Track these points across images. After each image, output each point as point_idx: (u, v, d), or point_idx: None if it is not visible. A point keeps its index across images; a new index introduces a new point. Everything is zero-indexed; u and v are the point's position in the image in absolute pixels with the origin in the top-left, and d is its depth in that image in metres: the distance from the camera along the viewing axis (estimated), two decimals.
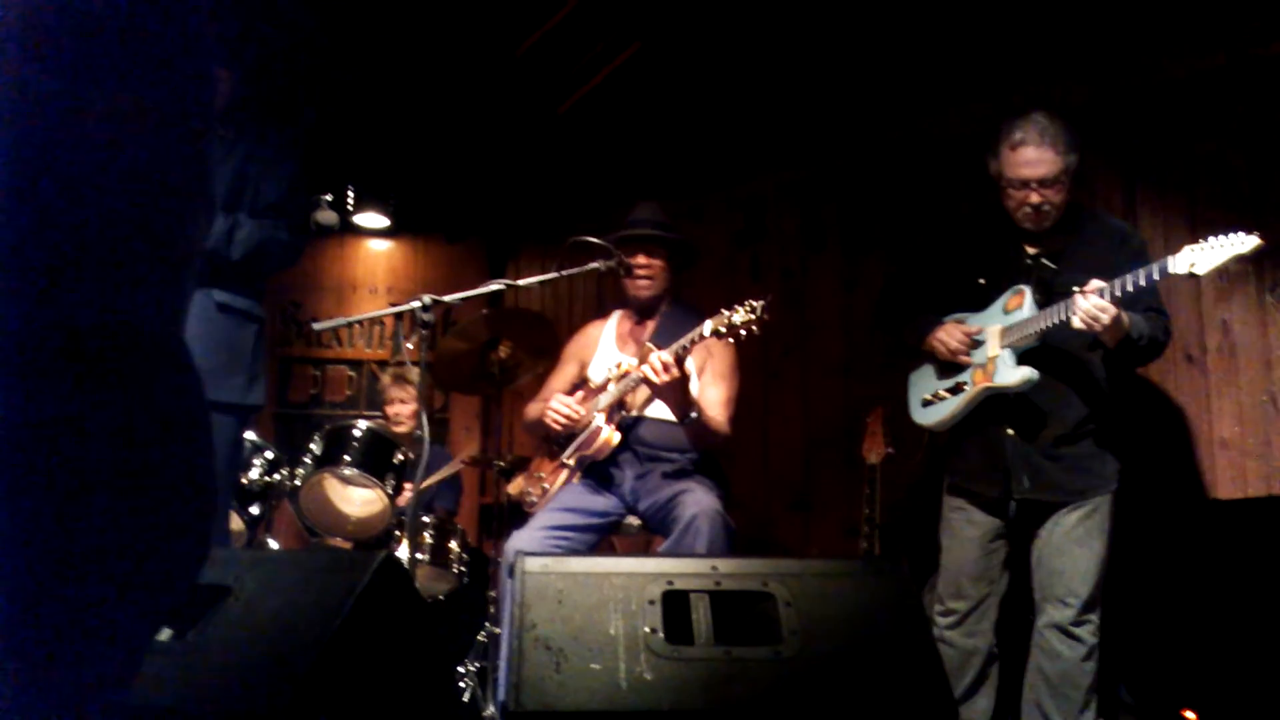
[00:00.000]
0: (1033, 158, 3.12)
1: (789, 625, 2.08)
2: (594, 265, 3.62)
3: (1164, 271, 2.82)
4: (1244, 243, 2.76)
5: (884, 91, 4.66)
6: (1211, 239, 2.79)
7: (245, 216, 3.00)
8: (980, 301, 3.29)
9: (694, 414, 3.39)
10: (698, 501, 3.22)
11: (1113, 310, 2.87)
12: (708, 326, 3.19)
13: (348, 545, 4.47)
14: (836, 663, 2.04)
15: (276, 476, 4.35)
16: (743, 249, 5.26)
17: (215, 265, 2.93)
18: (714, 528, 3.15)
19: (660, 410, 3.52)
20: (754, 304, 3.14)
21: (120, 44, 0.84)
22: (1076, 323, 2.92)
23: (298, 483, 4.28)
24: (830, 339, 4.86)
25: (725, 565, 2.22)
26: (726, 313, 3.16)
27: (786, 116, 4.98)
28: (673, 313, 3.71)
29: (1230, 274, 3.68)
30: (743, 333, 3.15)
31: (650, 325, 3.72)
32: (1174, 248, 2.89)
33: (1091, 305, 2.88)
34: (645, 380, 3.30)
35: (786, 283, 5.02)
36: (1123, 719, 3.24)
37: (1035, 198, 3.14)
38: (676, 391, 3.31)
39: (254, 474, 4.32)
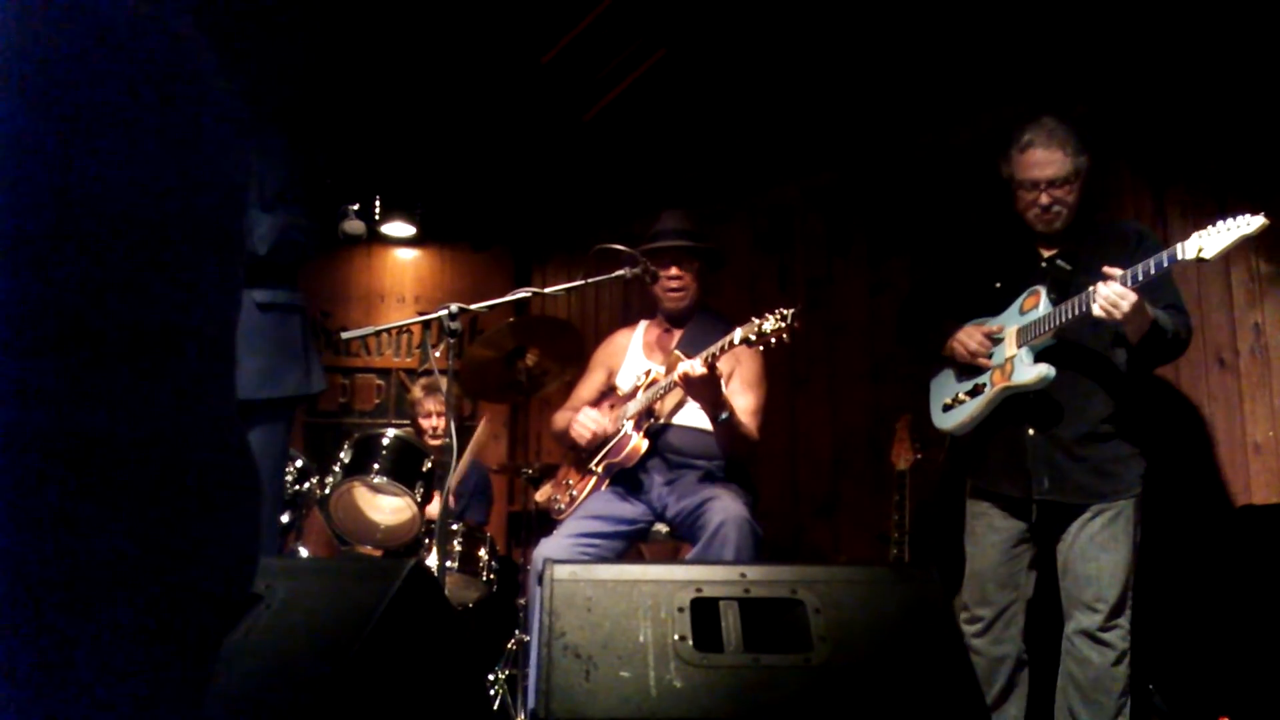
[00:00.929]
0: (1041, 159, 3.16)
1: (818, 632, 2.07)
2: (620, 273, 3.62)
3: (1173, 258, 2.81)
4: (1250, 223, 2.74)
5: (911, 96, 4.64)
6: (1219, 222, 2.78)
7: (259, 212, 3.04)
8: (998, 306, 3.29)
9: (725, 415, 3.38)
10: (725, 508, 3.21)
11: (1133, 296, 2.85)
12: (738, 334, 3.18)
13: (377, 553, 4.49)
14: (866, 670, 2.03)
15: (306, 485, 4.37)
16: (769, 255, 5.25)
17: (247, 266, 2.97)
18: (742, 535, 3.14)
19: (688, 418, 3.52)
20: (784, 312, 3.12)
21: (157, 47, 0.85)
22: (1096, 310, 2.90)
23: (327, 491, 4.30)
24: (857, 345, 4.84)
25: (754, 572, 2.22)
26: (756, 321, 3.15)
27: (812, 122, 4.98)
28: (701, 320, 3.71)
29: (1262, 276, 3.65)
30: (773, 341, 3.13)
31: (678, 333, 3.72)
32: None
33: (1111, 291, 2.87)
34: (678, 382, 3.29)
35: (813, 289, 5.01)
36: None
37: (1045, 198, 3.17)
38: (710, 390, 3.30)
39: (284, 481, 4.35)
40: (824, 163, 5.07)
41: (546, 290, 3.78)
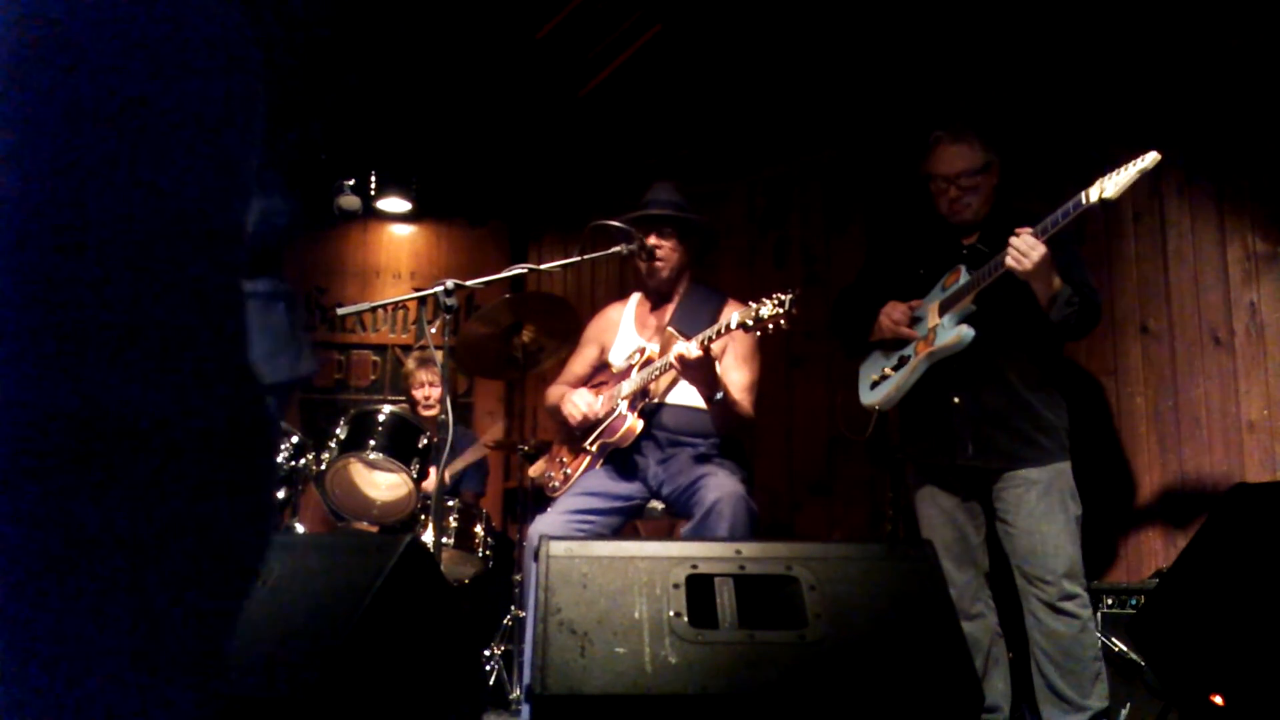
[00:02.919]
0: (950, 154, 3.38)
1: (813, 609, 2.08)
2: (616, 249, 3.61)
3: (1078, 205, 2.92)
4: (1144, 160, 2.84)
5: (908, 72, 4.62)
6: (1123, 163, 2.88)
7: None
8: (922, 291, 3.43)
9: (720, 394, 3.38)
10: (720, 485, 3.21)
11: (1042, 248, 2.98)
12: (734, 319, 3.16)
13: (373, 529, 4.50)
14: (861, 646, 2.04)
15: (302, 461, 4.37)
16: (766, 233, 5.24)
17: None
18: (737, 511, 3.15)
19: (682, 396, 3.52)
20: (781, 297, 3.10)
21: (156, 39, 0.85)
22: (1008, 260, 3.02)
23: (323, 467, 4.31)
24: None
25: (749, 549, 2.22)
26: (754, 305, 3.12)
27: (810, 98, 4.96)
28: (692, 294, 3.69)
29: (1258, 255, 3.65)
30: (770, 327, 3.11)
31: (669, 308, 3.69)
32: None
33: (1021, 241, 3.00)
34: (674, 364, 3.28)
35: (810, 267, 5.00)
36: (1150, 704, 3.22)
37: (954, 191, 3.38)
38: (704, 371, 3.30)
39: (279, 458, 4.35)
40: (822, 140, 5.05)
41: (543, 266, 3.77)
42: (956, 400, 3.27)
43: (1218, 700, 3.07)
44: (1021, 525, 3.18)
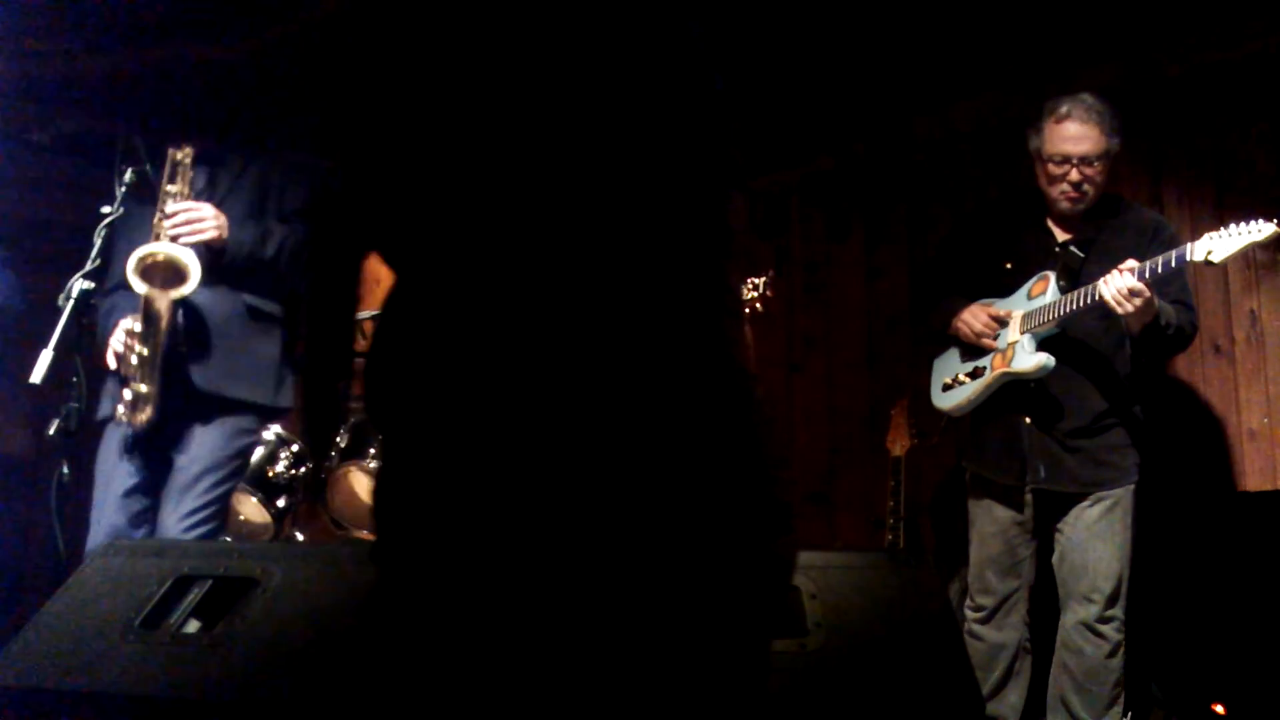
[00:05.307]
0: (1077, 133, 3.09)
1: (814, 618, 2.07)
2: None
3: (1182, 259, 2.81)
4: (1260, 230, 2.75)
5: (910, 81, 4.62)
6: (1231, 226, 2.78)
7: (275, 223, 3.08)
8: (1007, 287, 3.27)
9: None
10: None
11: (1148, 294, 2.85)
12: None
13: (374, 538, 4.48)
14: (861, 655, 2.03)
15: (303, 470, 4.36)
16: (766, 241, 5.24)
17: (250, 268, 3.02)
18: None
19: None
20: (755, 281, 3.12)
21: None
22: (1108, 297, 2.88)
23: (324, 476, 4.29)
24: (854, 331, 4.83)
25: None
26: None
27: (810, 107, 4.95)
28: None
29: (1258, 263, 3.65)
30: (747, 310, 3.13)
31: None
32: (1200, 235, 2.87)
33: (1126, 284, 2.85)
34: None
35: (810, 275, 5.00)
36: (1153, 713, 3.21)
37: (1075, 175, 3.10)
38: None
39: (280, 467, 4.34)
40: (822, 148, 5.04)
41: None
42: (1028, 420, 3.13)
43: (1219, 709, 3.07)
44: (1077, 540, 3.07)
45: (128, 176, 3.01)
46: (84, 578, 2.28)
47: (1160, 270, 2.83)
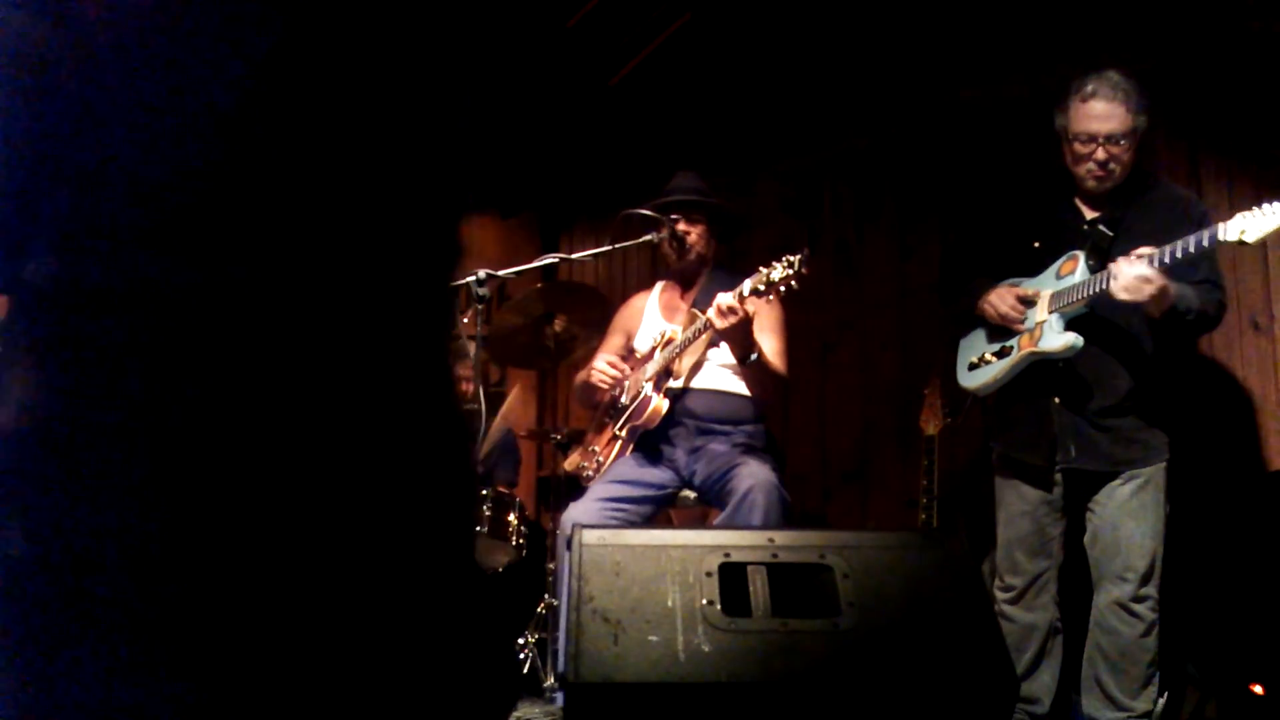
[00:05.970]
0: (1103, 111, 3.06)
1: (846, 597, 2.07)
2: (647, 238, 3.61)
3: (1214, 239, 2.75)
4: None
5: (943, 57, 4.58)
6: (1265, 205, 2.72)
7: None
8: (1035, 266, 3.23)
9: (754, 355, 3.37)
10: (754, 474, 3.21)
11: (1159, 281, 2.81)
12: (747, 286, 3.18)
13: None
14: (894, 635, 2.03)
15: None
16: (798, 221, 5.22)
17: None
18: (770, 500, 3.15)
19: (709, 379, 3.51)
20: (790, 259, 3.12)
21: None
22: (1117, 289, 2.86)
23: None
24: (886, 310, 4.81)
25: (782, 537, 2.22)
26: (765, 270, 3.15)
27: (841, 85, 4.92)
28: (715, 279, 3.69)
29: None
30: (782, 289, 3.13)
31: (692, 293, 3.70)
32: (1239, 212, 2.82)
33: (1134, 274, 2.83)
34: (712, 319, 3.26)
35: (842, 254, 4.98)
36: (1189, 694, 3.19)
37: (1102, 154, 3.07)
38: (739, 330, 3.28)
39: None
40: (853, 127, 5.01)
41: (574, 256, 3.78)
42: (1057, 400, 3.11)
43: (1258, 689, 3.04)
44: (1109, 520, 3.05)
45: None
46: None
47: (1191, 251, 2.78)
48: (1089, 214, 3.20)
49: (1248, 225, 2.72)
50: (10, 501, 0.80)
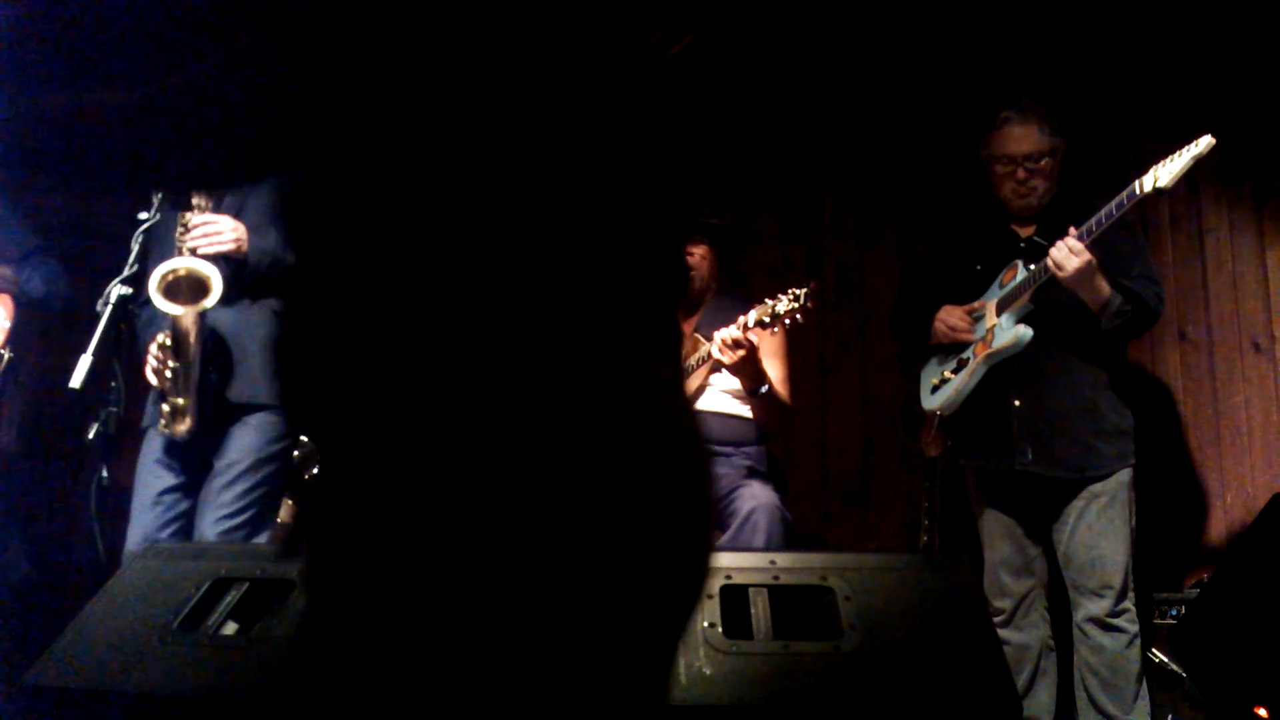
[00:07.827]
0: (1018, 134, 3.27)
1: (848, 620, 2.06)
2: None
3: (1132, 195, 2.85)
4: (1198, 144, 2.79)
5: (942, 81, 4.60)
6: (1175, 153, 2.82)
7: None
8: (980, 288, 3.35)
9: (765, 387, 3.38)
10: (755, 496, 3.21)
11: (1084, 255, 2.91)
12: (752, 317, 3.20)
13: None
14: (897, 657, 2.02)
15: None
16: (798, 243, 5.22)
17: (278, 276, 3.03)
18: (772, 522, 3.14)
19: (711, 403, 3.51)
20: (796, 292, 3.15)
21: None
22: (1052, 267, 2.96)
23: None
24: (888, 332, 4.80)
25: (783, 559, 2.22)
26: (770, 302, 3.19)
27: (842, 108, 4.94)
28: (718, 303, 3.69)
29: None
30: (786, 322, 3.16)
31: (696, 317, 3.70)
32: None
33: (1061, 246, 2.94)
34: (720, 352, 3.27)
35: (843, 276, 4.98)
36: (1194, 716, 3.18)
37: (1021, 173, 3.27)
38: (748, 363, 3.30)
39: (316, 469, 4.38)
40: (853, 149, 5.03)
41: None
42: (1017, 403, 3.18)
43: (1262, 713, 3.03)
44: (1080, 539, 3.11)
45: None
46: (123, 580, 2.31)
47: (1114, 214, 2.88)
48: (1023, 232, 3.34)
49: (1160, 173, 2.82)
50: None
